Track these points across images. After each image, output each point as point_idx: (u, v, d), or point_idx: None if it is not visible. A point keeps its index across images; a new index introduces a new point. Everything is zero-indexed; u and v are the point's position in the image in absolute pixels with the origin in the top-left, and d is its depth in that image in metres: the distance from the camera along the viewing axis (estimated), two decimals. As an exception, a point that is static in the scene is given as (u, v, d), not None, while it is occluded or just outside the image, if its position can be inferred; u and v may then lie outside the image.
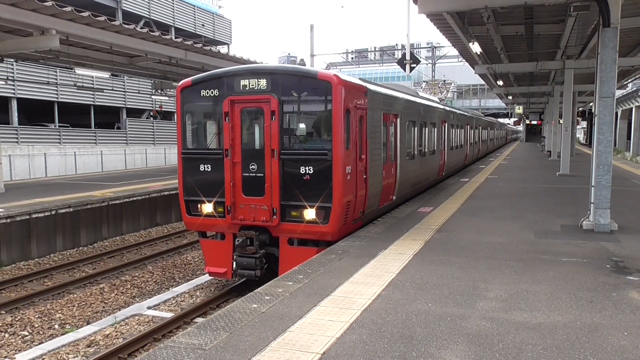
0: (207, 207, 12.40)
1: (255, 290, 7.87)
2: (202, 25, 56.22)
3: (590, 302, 7.34)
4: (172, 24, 51.69)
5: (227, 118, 11.87)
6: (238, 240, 11.95)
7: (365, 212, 12.88)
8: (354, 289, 7.87)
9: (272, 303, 7.26)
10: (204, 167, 12.40)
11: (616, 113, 43.54)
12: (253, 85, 11.71)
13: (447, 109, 26.27)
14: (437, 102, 25.24)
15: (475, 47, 21.88)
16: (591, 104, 49.30)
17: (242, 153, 11.94)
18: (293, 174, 11.46)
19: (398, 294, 7.62)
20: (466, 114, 33.98)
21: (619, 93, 48.52)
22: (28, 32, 18.38)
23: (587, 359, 5.54)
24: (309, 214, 11.42)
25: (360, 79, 13.36)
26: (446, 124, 24.23)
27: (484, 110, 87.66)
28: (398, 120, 15.60)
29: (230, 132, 11.85)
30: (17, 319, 11.88)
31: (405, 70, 38.24)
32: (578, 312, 6.95)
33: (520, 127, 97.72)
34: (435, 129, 21.80)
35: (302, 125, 12.20)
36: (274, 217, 11.67)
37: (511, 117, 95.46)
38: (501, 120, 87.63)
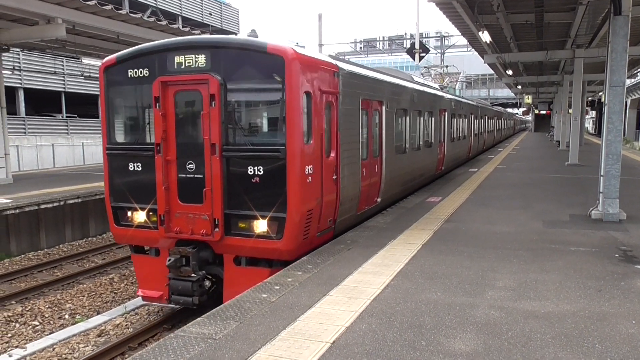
0: (139, 216, 10.17)
1: (265, 280, 7.90)
2: (210, 14, 56.19)
3: (598, 291, 7.33)
4: (179, 13, 51.66)
5: (157, 104, 9.57)
6: (170, 260, 9.64)
7: (337, 221, 10.76)
8: (363, 278, 7.89)
9: (281, 293, 7.29)
10: (134, 166, 10.14)
11: (625, 102, 43.32)
12: (190, 62, 9.48)
13: (448, 96, 24.06)
14: (437, 89, 22.92)
15: (485, 36, 21.82)
16: (600, 93, 49.13)
17: (177, 149, 9.69)
18: (239, 175, 9.29)
19: (407, 284, 7.64)
20: (470, 102, 32.36)
21: (628, 82, 48.25)
22: (34, 21, 18.37)
23: (596, 347, 5.55)
24: (260, 225, 9.23)
25: (331, 56, 11.28)
26: (446, 113, 22.00)
27: (492, 100, 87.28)
28: (383, 108, 13.38)
29: (161, 122, 9.57)
30: (27, 309, 11.96)
31: (414, 60, 38.14)
32: (586, 301, 6.95)
33: (529, 117, 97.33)
34: (433, 119, 19.56)
35: (250, 114, 10.00)
36: (216, 229, 9.42)
37: (520, 106, 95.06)
38: (510, 110, 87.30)
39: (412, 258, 8.99)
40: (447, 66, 50.63)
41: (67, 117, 39.46)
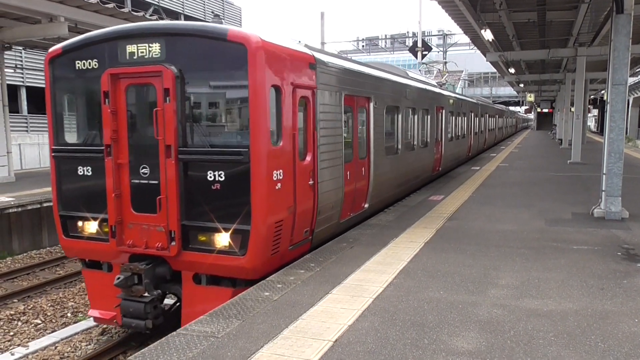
0: (90, 226, 9.04)
1: (267, 278, 7.90)
2: (212, 12, 56.20)
3: (601, 289, 7.33)
4: (181, 11, 51.62)
5: (106, 100, 8.47)
6: (119, 278, 8.49)
7: (315, 232, 9.74)
8: (365, 276, 7.89)
9: (284, 291, 7.29)
10: (84, 170, 8.99)
11: (628, 101, 43.30)
12: (143, 51, 8.35)
13: (446, 93, 23.01)
14: (434, 85, 22.03)
15: (487, 35, 21.81)
16: (603, 91, 49.07)
17: (129, 150, 8.58)
18: (198, 181, 8.21)
19: (410, 282, 7.64)
20: (470, 99, 31.54)
21: (630, 80, 48.19)
22: (36, 19, 18.42)
23: (598, 345, 5.55)
24: (221, 239, 8.14)
25: (307, 46, 10.12)
26: (444, 111, 21.04)
27: (495, 98, 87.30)
28: (371, 104, 12.36)
29: (111, 120, 8.46)
30: (29, 308, 11.98)
31: (416, 58, 38.14)
32: (589, 299, 6.95)
33: (532, 115, 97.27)
34: (429, 117, 18.44)
35: (209, 111, 8.78)
36: (173, 243, 8.32)
37: (522, 105, 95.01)
38: (512, 108, 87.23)
39: (414, 256, 8.99)
40: (445, 62, 50.14)
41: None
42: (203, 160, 8.19)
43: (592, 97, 61.77)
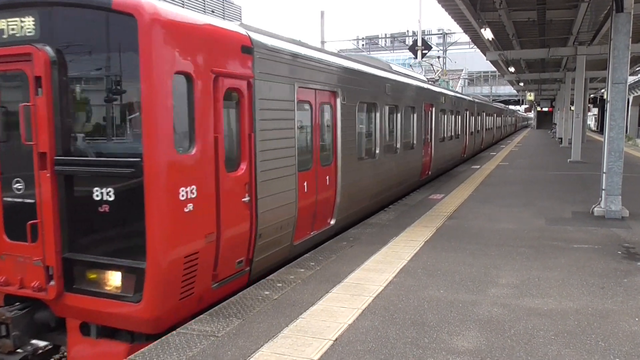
0: None
1: (267, 277, 7.90)
2: (212, 11, 56.19)
3: (601, 288, 7.33)
4: (181, 11, 51.63)
5: None
6: None
7: (255, 260, 7.88)
8: (365, 275, 7.89)
9: (284, 290, 7.29)
10: None
11: (627, 100, 43.30)
12: (14, 28, 6.38)
13: (437, 90, 21.19)
14: (423, 81, 19.70)
15: (487, 34, 21.81)
16: (602, 90, 49.09)
17: (0, 159, 6.66)
18: (82, 201, 6.25)
19: (410, 281, 7.64)
20: (465, 97, 29.98)
21: (630, 79, 48.21)
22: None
23: (599, 344, 5.55)
24: (112, 279, 6.24)
25: (244, 25, 8.06)
26: (434, 109, 19.20)
27: (495, 97, 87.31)
28: (338, 100, 10.54)
29: None
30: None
31: (416, 56, 38.12)
32: (589, 298, 6.95)
33: (531, 114, 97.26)
34: (416, 115, 16.64)
35: (94, 107, 6.61)
36: (51, 282, 6.34)
37: (522, 104, 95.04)
38: (512, 107, 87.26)
39: (414, 255, 8.99)
40: (439, 57, 49.17)
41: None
42: (87, 173, 6.26)
43: (592, 96, 61.80)
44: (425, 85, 18.94)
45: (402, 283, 7.55)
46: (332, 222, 10.65)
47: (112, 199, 6.09)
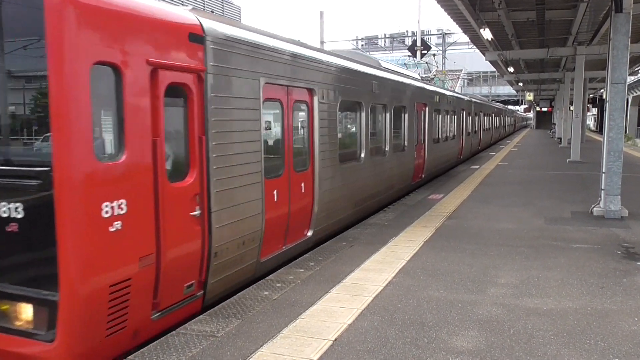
0: None
1: (267, 278, 7.90)
2: (211, 11, 56.19)
3: (600, 288, 7.33)
4: (180, 12, 51.60)
5: None
6: None
7: (211, 283, 6.83)
8: (365, 275, 7.89)
9: (283, 290, 7.29)
10: None
11: (627, 100, 43.33)
12: None
13: (430, 88, 20.15)
14: (415, 79, 18.49)
15: (486, 34, 21.82)
16: (602, 90, 49.08)
17: None
18: None
19: (409, 281, 7.64)
20: (462, 96, 29.01)
21: (629, 79, 48.26)
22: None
23: (598, 344, 5.55)
24: (23, 312, 5.18)
25: (195, 10, 6.90)
26: (427, 109, 18.29)
27: (494, 97, 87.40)
28: (315, 99, 9.56)
29: None
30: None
31: (415, 57, 38.14)
32: (589, 297, 6.95)
33: (531, 114, 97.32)
34: (406, 115, 15.68)
35: (2, 104, 5.48)
36: None
37: (522, 104, 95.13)
38: (511, 107, 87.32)
39: (414, 255, 8.99)
40: (434, 54, 48.06)
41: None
42: None
43: (591, 96, 61.84)
44: (418, 84, 17.91)
45: (402, 283, 7.55)
46: (309, 233, 9.70)
47: (21, 216, 5.05)
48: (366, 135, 12.21)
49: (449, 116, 22.87)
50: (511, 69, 38.09)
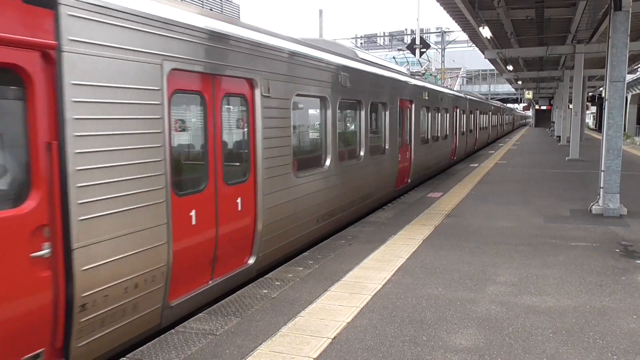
0: None
1: (266, 276, 7.89)
2: (210, 10, 56.13)
3: (599, 286, 7.34)
4: (179, 10, 51.53)
5: None
6: None
7: (77, 347, 4.85)
8: (364, 274, 7.89)
9: (282, 288, 7.29)
10: None
11: (626, 98, 43.33)
12: None
13: (418, 84, 17.94)
14: (401, 73, 16.59)
15: (485, 32, 21.80)
16: (601, 88, 49.11)
17: None
18: None
19: (408, 279, 7.64)
20: (455, 92, 26.89)
21: (628, 78, 48.26)
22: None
23: (597, 342, 5.55)
24: None
25: None
26: (413, 106, 16.61)
27: (493, 95, 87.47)
28: (257, 93, 7.65)
29: None
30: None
31: (414, 55, 38.12)
32: (587, 296, 6.95)
33: (530, 112, 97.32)
34: (388, 113, 13.96)
35: None
36: None
37: (521, 102, 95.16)
38: (511, 105, 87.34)
39: (413, 253, 8.99)
40: (424, 51, 47.55)
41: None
42: None
43: (590, 94, 61.87)
44: (403, 78, 15.94)
45: (401, 281, 7.55)
46: (251, 260, 7.83)
47: None
48: (333, 137, 10.43)
49: (440, 114, 21.34)
50: (510, 67, 38.07)
